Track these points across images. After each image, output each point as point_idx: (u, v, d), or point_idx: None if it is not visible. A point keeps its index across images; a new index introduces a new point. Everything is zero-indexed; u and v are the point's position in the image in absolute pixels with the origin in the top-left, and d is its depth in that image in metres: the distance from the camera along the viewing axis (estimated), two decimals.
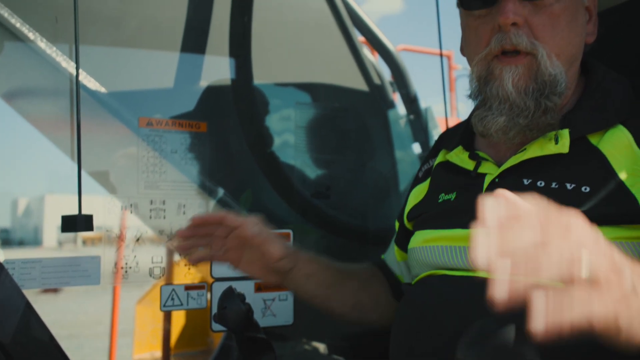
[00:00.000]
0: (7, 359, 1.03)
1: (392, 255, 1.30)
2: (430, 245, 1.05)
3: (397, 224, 1.30)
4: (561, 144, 0.93)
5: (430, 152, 1.26)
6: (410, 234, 1.16)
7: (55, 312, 8.09)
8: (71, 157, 1.44)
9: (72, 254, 1.38)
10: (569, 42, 0.97)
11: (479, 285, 0.92)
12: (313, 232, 1.86)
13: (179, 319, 3.25)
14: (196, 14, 1.75)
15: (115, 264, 1.44)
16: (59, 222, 1.34)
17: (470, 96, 1.04)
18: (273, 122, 1.85)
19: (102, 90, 1.56)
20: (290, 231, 1.63)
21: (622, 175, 0.88)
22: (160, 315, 2.91)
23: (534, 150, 0.96)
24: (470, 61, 1.04)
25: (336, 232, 1.90)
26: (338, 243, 1.95)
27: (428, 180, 1.18)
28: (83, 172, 1.35)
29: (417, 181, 1.24)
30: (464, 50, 1.10)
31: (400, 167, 2.19)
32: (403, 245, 1.23)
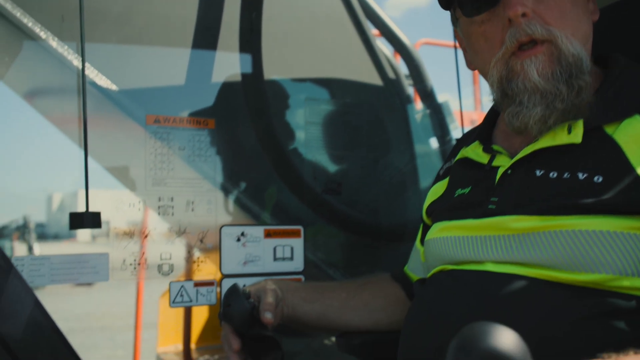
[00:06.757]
0: (12, 358, 1.04)
1: (417, 258, 1.29)
2: (443, 236, 1.04)
3: (421, 226, 1.29)
4: (574, 133, 0.91)
5: (451, 152, 1.27)
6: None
7: (89, 305, 8.25)
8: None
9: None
10: (578, 21, 0.95)
11: (485, 280, 0.91)
12: (325, 229, 1.85)
13: (202, 313, 3.26)
14: (206, 11, 1.74)
15: (124, 261, 1.45)
16: None
17: (494, 100, 1.02)
18: (284, 117, 1.84)
19: (112, 87, 1.57)
20: (300, 227, 1.62)
21: (636, 166, 0.85)
22: (182, 309, 2.93)
23: (546, 140, 0.94)
24: (484, 68, 1.02)
25: (348, 228, 1.89)
26: (350, 239, 1.93)
27: (447, 178, 1.18)
28: (92, 169, 1.37)
29: (437, 179, 1.24)
30: (472, 63, 1.10)
31: (418, 162, 2.16)
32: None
